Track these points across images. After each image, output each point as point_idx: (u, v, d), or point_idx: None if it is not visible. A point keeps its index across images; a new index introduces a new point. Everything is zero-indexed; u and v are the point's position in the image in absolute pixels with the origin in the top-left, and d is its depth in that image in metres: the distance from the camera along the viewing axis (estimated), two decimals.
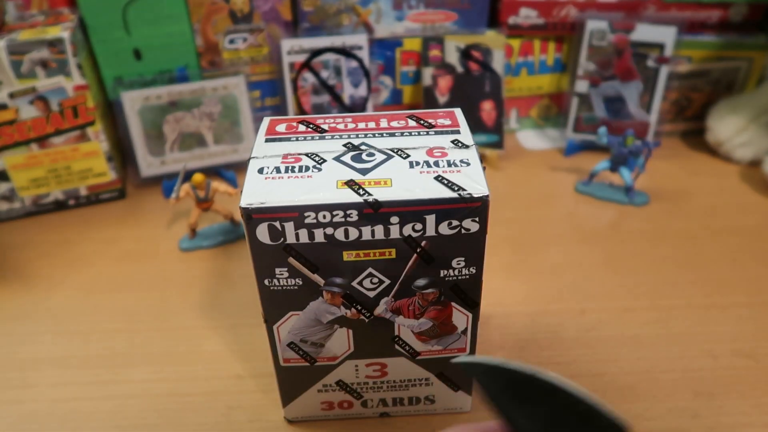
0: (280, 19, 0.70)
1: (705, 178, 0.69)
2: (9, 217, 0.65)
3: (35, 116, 0.60)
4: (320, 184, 0.31)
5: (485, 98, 0.73)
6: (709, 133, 0.72)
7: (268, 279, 0.33)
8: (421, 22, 0.73)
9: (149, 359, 0.47)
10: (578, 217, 0.63)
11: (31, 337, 0.49)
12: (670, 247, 0.58)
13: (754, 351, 0.46)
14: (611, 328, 0.48)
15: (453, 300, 0.34)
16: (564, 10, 0.72)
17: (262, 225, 0.31)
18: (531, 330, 0.48)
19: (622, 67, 0.71)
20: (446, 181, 0.31)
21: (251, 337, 0.47)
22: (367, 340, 0.36)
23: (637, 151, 0.63)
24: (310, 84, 0.71)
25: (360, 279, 0.33)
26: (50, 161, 0.63)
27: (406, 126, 0.36)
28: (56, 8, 0.66)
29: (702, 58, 0.73)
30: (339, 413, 0.41)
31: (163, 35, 0.67)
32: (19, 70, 0.58)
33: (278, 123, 0.37)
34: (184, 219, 0.63)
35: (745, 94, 0.74)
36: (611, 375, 0.44)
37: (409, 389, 0.39)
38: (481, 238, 0.32)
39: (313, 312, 0.34)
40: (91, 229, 0.63)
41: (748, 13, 0.73)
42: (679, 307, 0.50)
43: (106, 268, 0.57)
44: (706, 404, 0.42)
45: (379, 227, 0.31)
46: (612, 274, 0.54)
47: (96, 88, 0.65)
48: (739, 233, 0.59)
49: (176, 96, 0.67)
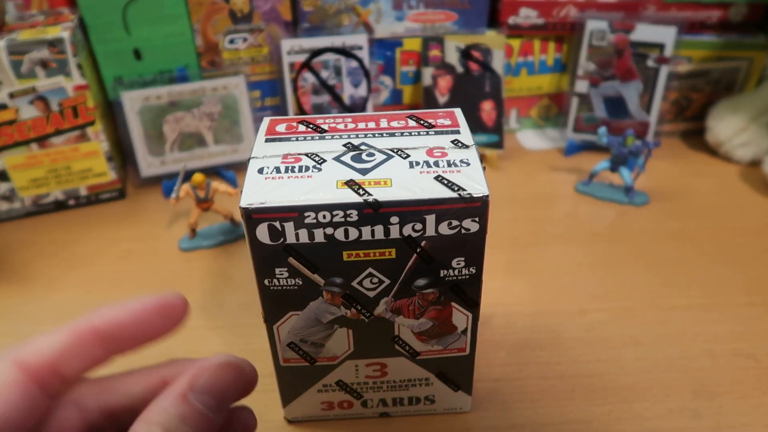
0: (280, 19, 0.70)
1: (705, 178, 0.69)
2: (9, 217, 0.64)
3: (35, 116, 0.60)
4: (320, 184, 0.31)
5: (485, 98, 0.73)
6: (709, 133, 0.72)
7: (268, 279, 0.33)
8: (421, 22, 0.73)
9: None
10: (578, 217, 0.63)
11: (31, 337, 0.49)
12: (670, 247, 0.58)
13: (754, 351, 0.46)
14: (611, 328, 0.48)
15: (453, 300, 0.34)
16: (564, 10, 0.72)
17: (262, 225, 0.31)
18: (531, 330, 0.48)
19: (622, 67, 0.71)
20: (446, 181, 0.31)
21: (251, 337, 0.47)
22: (367, 340, 0.36)
23: (637, 151, 0.63)
24: (310, 84, 0.71)
25: (360, 279, 0.33)
26: (50, 161, 0.63)
27: (406, 126, 0.36)
28: (56, 8, 0.66)
29: (702, 58, 0.73)
30: (339, 413, 0.41)
31: (163, 35, 0.67)
32: (19, 70, 0.58)
33: (278, 123, 0.37)
34: (184, 219, 0.63)
35: (745, 94, 0.74)
36: (611, 375, 0.44)
37: (409, 389, 0.39)
38: (481, 238, 0.32)
39: (313, 312, 0.34)
40: (91, 229, 0.63)
41: (748, 13, 0.73)
42: (679, 307, 0.50)
43: (106, 268, 0.57)
44: (706, 404, 0.42)
45: (379, 227, 0.31)
46: (612, 274, 0.54)
47: (96, 88, 0.65)
48: (739, 233, 0.59)
49: (176, 96, 0.67)
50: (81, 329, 0.22)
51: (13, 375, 0.20)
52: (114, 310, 0.23)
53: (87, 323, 0.22)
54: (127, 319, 0.23)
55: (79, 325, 0.22)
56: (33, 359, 0.21)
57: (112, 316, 0.22)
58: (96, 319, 0.22)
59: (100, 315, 0.22)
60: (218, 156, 0.70)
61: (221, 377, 0.21)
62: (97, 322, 0.22)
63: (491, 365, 0.45)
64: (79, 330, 0.22)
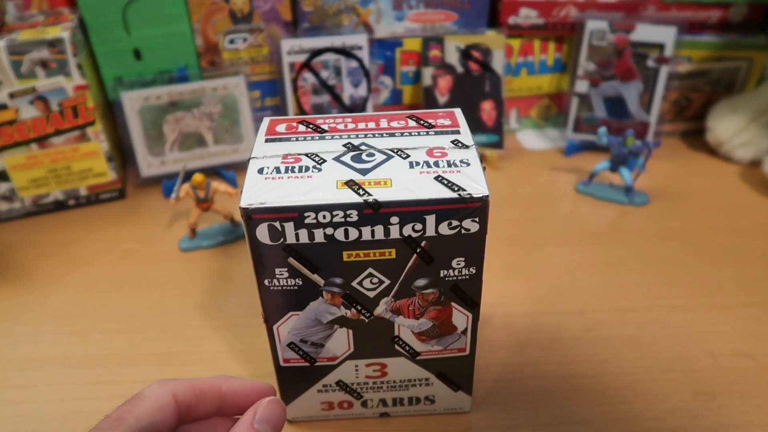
0: (280, 19, 0.70)
1: (705, 178, 0.69)
2: (9, 217, 0.64)
3: (35, 116, 0.60)
4: (320, 185, 0.31)
5: (485, 98, 0.73)
6: (709, 133, 0.72)
7: (268, 279, 0.33)
8: (421, 22, 0.73)
9: (149, 359, 0.47)
10: (578, 217, 0.63)
11: (31, 337, 0.49)
12: (670, 247, 0.58)
13: (754, 351, 0.46)
14: (611, 328, 0.48)
15: (453, 300, 0.34)
16: (564, 10, 0.72)
17: (262, 225, 0.31)
18: (531, 330, 0.48)
19: (622, 67, 0.71)
20: (446, 181, 0.31)
21: (251, 337, 0.47)
22: (367, 341, 0.36)
23: (637, 151, 0.63)
24: (310, 84, 0.71)
25: (360, 279, 0.33)
26: (50, 161, 0.63)
27: (406, 126, 0.36)
28: (56, 8, 0.66)
29: (702, 58, 0.73)
30: (339, 413, 0.41)
31: (163, 35, 0.67)
32: (19, 70, 0.58)
33: (278, 123, 0.37)
34: (184, 219, 0.63)
35: (745, 94, 0.74)
36: (611, 375, 0.44)
37: (409, 389, 0.39)
38: (481, 238, 0.32)
39: (313, 312, 0.34)
40: (91, 229, 0.63)
41: (748, 13, 0.73)
42: (679, 307, 0.50)
43: (106, 268, 0.57)
44: (706, 404, 0.42)
45: (379, 227, 0.31)
46: (612, 274, 0.54)
47: (96, 88, 0.65)
48: (739, 233, 0.59)
49: (176, 96, 0.67)
50: (214, 386, 0.29)
51: (169, 400, 0.27)
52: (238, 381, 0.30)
53: (219, 383, 0.29)
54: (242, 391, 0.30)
55: (214, 382, 0.29)
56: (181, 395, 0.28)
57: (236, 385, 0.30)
58: (224, 384, 0.29)
59: (229, 382, 0.30)
60: (218, 156, 0.70)
61: (273, 410, 0.29)
62: (225, 386, 0.29)
63: (491, 365, 0.45)
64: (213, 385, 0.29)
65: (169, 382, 0.28)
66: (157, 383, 0.28)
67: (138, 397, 0.27)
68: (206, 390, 0.29)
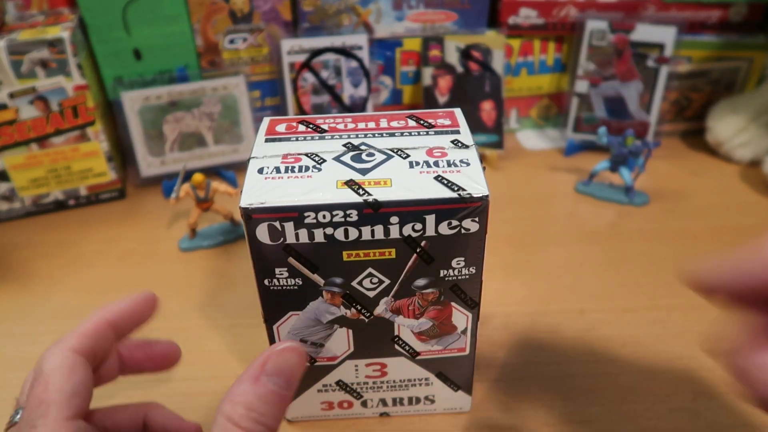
0: (280, 19, 0.70)
1: (705, 178, 0.69)
2: (9, 217, 0.65)
3: (35, 116, 0.60)
4: (320, 184, 0.31)
5: (485, 98, 0.73)
6: (709, 133, 0.72)
7: (268, 279, 0.33)
8: (421, 22, 0.73)
9: None
10: (578, 217, 0.63)
11: (31, 337, 0.49)
12: (670, 247, 0.58)
13: None
14: (611, 328, 0.48)
15: (453, 300, 0.34)
16: (564, 10, 0.72)
17: (262, 225, 0.31)
18: (531, 330, 0.48)
19: (622, 67, 0.71)
20: (446, 181, 0.31)
21: (251, 337, 0.47)
22: (367, 340, 0.36)
23: (637, 151, 0.63)
24: (310, 84, 0.71)
25: (360, 279, 0.33)
26: (50, 161, 0.63)
27: (405, 126, 0.36)
28: (56, 8, 0.66)
29: (702, 58, 0.73)
30: (339, 413, 0.41)
31: (163, 35, 0.67)
32: (19, 70, 0.58)
33: (278, 123, 0.37)
34: (184, 219, 0.63)
35: (745, 94, 0.74)
36: (611, 375, 0.44)
37: (409, 389, 0.39)
38: (481, 238, 0.32)
39: (313, 312, 0.34)
40: (91, 229, 0.63)
41: (748, 13, 0.73)
42: (679, 307, 0.50)
43: (106, 268, 0.57)
44: (706, 404, 0.42)
45: (379, 227, 0.31)
46: (612, 274, 0.54)
47: (96, 88, 0.65)
48: (739, 233, 0.59)
49: (176, 96, 0.67)
50: (100, 321, 0.30)
51: (74, 357, 0.27)
52: (117, 304, 0.31)
53: (102, 316, 0.30)
54: (127, 309, 0.31)
55: (98, 318, 0.30)
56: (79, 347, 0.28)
57: (117, 308, 0.31)
58: (107, 313, 0.30)
59: (109, 309, 0.30)
60: (218, 156, 0.70)
61: (286, 359, 0.26)
62: (108, 314, 0.30)
63: (491, 365, 0.45)
64: (99, 321, 0.30)
65: (59, 344, 0.28)
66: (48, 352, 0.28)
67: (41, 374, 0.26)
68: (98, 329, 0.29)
